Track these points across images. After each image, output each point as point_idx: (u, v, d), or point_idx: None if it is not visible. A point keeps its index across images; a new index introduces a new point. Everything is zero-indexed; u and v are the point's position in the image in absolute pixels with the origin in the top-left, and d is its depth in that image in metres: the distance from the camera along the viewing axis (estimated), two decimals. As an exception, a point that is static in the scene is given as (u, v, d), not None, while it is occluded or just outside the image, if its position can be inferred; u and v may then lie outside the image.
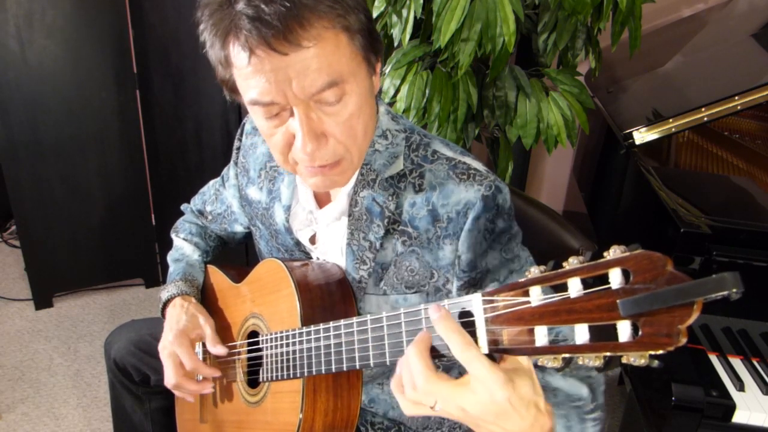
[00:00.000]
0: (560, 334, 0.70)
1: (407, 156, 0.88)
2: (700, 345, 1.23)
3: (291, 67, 0.70)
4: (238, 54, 0.72)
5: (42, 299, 2.35)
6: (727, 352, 1.22)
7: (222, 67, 0.77)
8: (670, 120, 1.54)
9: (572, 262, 0.52)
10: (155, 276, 2.52)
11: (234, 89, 0.79)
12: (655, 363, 0.48)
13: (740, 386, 1.14)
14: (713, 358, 1.21)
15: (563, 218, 1.09)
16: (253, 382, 0.99)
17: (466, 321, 0.61)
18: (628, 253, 0.49)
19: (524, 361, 0.62)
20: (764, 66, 1.61)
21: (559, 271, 0.53)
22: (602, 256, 0.50)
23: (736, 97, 1.46)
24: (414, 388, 0.63)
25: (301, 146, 0.75)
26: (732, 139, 1.69)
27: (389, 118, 0.90)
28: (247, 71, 0.72)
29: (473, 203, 0.83)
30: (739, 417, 1.11)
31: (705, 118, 1.49)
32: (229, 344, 1.04)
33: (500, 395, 0.59)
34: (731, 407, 1.11)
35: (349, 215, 0.89)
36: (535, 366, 0.84)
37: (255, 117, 0.79)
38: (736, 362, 1.21)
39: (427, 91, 1.51)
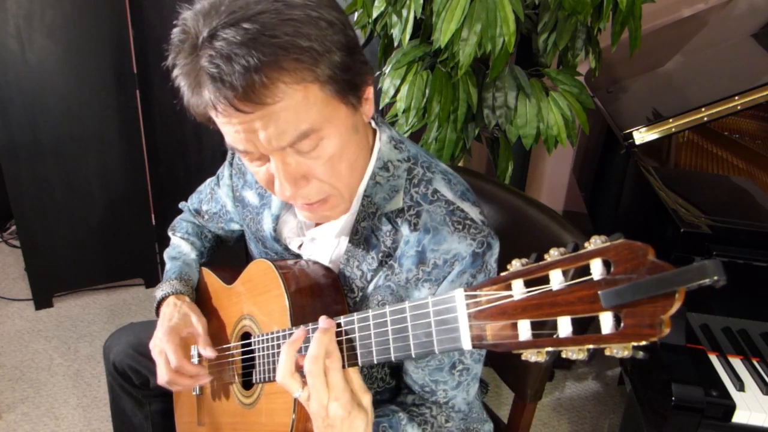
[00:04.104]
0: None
1: (407, 190, 0.86)
2: (700, 345, 1.23)
3: (258, 121, 0.68)
4: (207, 105, 0.71)
5: (42, 299, 2.35)
6: (727, 352, 1.22)
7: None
8: (670, 120, 1.54)
9: (553, 254, 0.52)
10: (155, 276, 2.52)
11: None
12: (640, 354, 0.47)
13: (740, 386, 1.14)
14: (713, 358, 1.21)
15: (563, 218, 1.09)
16: (248, 384, 0.99)
17: (450, 317, 0.61)
18: (608, 243, 0.48)
19: (369, 407, 0.72)
20: (764, 66, 1.61)
21: (541, 263, 0.52)
22: (583, 247, 0.50)
23: (736, 97, 1.46)
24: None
25: (279, 191, 0.74)
26: (732, 139, 1.69)
27: (392, 147, 0.87)
28: (219, 120, 0.72)
29: (462, 257, 0.82)
30: (739, 417, 1.11)
31: (705, 118, 1.49)
32: (223, 346, 1.04)
33: (334, 409, 0.69)
34: (731, 407, 1.11)
35: (350, 241, 0.88)
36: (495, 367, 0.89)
37: (237, 154, 0.78)
38: (736, 362, 1.21)
39: (427, 91, 1.51)
